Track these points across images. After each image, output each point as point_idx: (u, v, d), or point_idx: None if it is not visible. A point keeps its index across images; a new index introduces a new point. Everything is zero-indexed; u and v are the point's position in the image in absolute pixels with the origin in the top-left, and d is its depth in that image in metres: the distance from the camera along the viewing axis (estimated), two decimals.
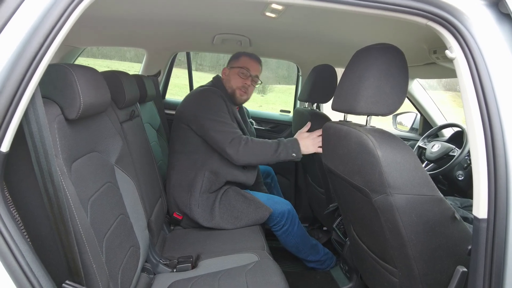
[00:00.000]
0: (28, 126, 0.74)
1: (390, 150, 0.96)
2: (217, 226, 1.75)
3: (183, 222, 1.84)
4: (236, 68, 1.91)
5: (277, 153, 1.71)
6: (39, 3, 0.72)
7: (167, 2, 1.48)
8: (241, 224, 1.77)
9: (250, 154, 1.71)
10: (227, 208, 1.78)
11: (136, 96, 1.63)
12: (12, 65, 0.69)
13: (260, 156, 1.72)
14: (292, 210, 1.90)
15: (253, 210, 1.79)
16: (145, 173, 1.57)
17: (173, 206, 1.84)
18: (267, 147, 1.72)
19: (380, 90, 1.01)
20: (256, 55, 1.98)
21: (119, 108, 1.45)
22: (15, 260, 0.70)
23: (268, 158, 1.72)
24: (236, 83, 1.90)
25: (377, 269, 1.23)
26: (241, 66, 1.91)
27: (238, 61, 1.93)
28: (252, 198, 1.82)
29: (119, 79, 1.44)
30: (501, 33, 0.83)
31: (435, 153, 1.98)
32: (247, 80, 1.92)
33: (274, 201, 1.89)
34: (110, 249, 1.04)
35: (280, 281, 1.29)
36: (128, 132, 1.47)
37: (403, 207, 0.96)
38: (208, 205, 1.77)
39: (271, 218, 1.83)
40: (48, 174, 0.77)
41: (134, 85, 1.62)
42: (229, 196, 1.81)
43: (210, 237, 1.71)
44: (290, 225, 1.87)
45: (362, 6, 0.83)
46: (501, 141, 0.79)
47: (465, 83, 0.83)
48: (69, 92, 0.92)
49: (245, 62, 1.92)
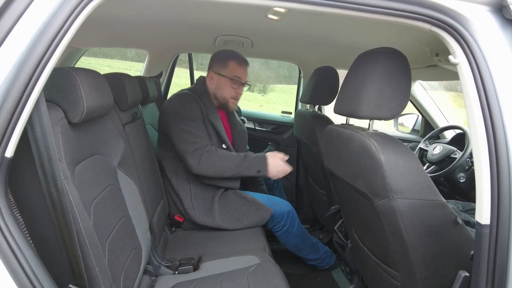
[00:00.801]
0: (33, 131, 0.75)
1: (392, 155, 0.96)
2: (218, 226, 1.75)
3: (184, 224, 1.84)
4: (226, 78, 1.84)
5: (239, 168, 1.70)
6: (44, 8, 0.72)
7: (169, 3, 1.48)
8: (242, 226, 1.77)
9: (210, 165, 1.68)
10: (227, 211, 1.78)
11: (138, 98, 1.63)
12: (18, 70, 0.69)
13: (221, 168, 1.69)
14: (292, 211, 1.89)
15: (254, 212, 1.79)
16: (147, 175, 1.58)
17: (173, 208, 1.84)
18: (230, 161, 1.70)
19: (382, 94, 1.01)
20: (242, 58, 1.89)
21: (122, 110, 1.46)
22: (18, 264, 0.70)
23: (228, 171, 1.70)
24: (229, 93, 1.86)
25: (379, 272, 1.23)
26: (232, 76, 1.84)
27: (227, 68, 1.84)
28: (252, 199, 1.81)
29: (122, 81, 1.44)
30: (504, 39, 0.83)
31: (437, 155, 1.98)
32: (240, 89, 1.89)
33: (274, 201, 1.88)
34: (112, 252, 1.04)
35: (282, 283, 1.29)
36: (130, 134, 1.47)
37: (405, 212, 0.96)
38: (205, 207, 1.77)
39: (271, 219, 1.82)
40: (52, 179, 0.77)
41: (136, 86, 1.62)
42: (229, 198, 1.80)
43: (211, 238, 1.71)
44: (290, 225, 1.86)
45: (366, 11, 0.83)
46: (504, 147, 0.79)
47: (468, 88, 0.83)
48: (73, 96, 0.93)
49: (235, 70, 1.84)
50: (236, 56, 1.87)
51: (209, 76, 1.88)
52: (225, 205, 1.78)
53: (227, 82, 1.85)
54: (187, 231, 1.84)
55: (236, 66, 1.85)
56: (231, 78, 1.84)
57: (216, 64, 1.87)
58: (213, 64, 1.88)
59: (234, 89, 1.87)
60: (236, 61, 1.85)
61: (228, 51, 1.90)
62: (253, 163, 1.72)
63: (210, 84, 1.88)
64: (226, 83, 1.85)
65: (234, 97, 1.89)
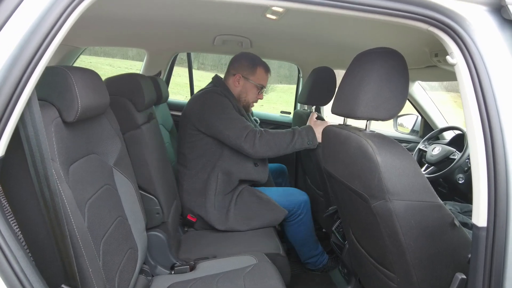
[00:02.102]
0: (24, 130, 0.74)
1: (389, 156, 0.95)
2: (231, 228, 1.77)
3: (197, 224, 1.85)
4: (253, 84, 1.92)
5: (292, 142, 1.72)
6: (37, 5, 0.71)
7: (167, 3, 1.48)
8: (254, 225, 1.78)
9: (266, 146, 1.71)
10: (242, 209, 1.79)
11: (153, 98, 1.64)
12: (9, 68, 0.69)
13: (276, 147, 1.72)
14: (308, 201, 1.94)
15: (268, 212, 1.80)
16: (163, 176, 1.58)
17: (186, 208, 1.84)
18: (282, 137, 1.73)
19: (380, 94, 1.00)
20: (267, 65, 1.97)
21: (138, 111, 1.46)
22: (8, 264, 0.69)
23: (284, 148, 1.73)
24: (252, 98, 1.96)
25: (376, 274, 1.22)
26: (259, 83, 1.93)
27: (256, 75, 1.91)
28: (267, 199, 1.83)
29: (139, 82, 1.44)
30: (503, 39, 0.82)
31: (436, 156, 1.97)
32: (262, 94, 1.99)
33: (290, 192, 1.94)
34: (107, 252, 1.04)
35: (278, 284, 1.29)
36: (147, 134, 1.48)
37: (402, 213, 0.95)
38: (224, 206, 1.78)
39: (288, 209, 1.85)
40: (45, 178, 0.76)
41: (151, 87, 1.63)
42: (244, 197, 1.82)
43: (224, 238, 1.72)
44: (305, 214, 1.90)
45: (364, 11, 0.82)
46: (502, 149, 0.78)
47: (466, 89, 0.82)
48: (67, 95, 0.92)
49: (262, 78, 1.93)
50: (263, 63, 1.95)
51: (235, 79, 1.91)
52: (240, 204, 1.80)
53: (254, 88, 1.93)
54: (199, 231, 1.84)
55: (264, 74, 1.94)
56: (257, 84, 1.93)
57: (244, 68, 1.91)
58: (240, 67, 1.92)
59: (258, 94, 1.96)
60: (264, 69, 1.93)
61: (254, 57, 1.95)
62: (303, 135, 1.75)
63: (235, 86, 1.92)
64: (253, 88, 1.93)
65: (255, 101, 2.00)
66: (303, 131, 1.75)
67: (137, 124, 1.48)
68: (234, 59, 1.95)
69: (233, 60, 1.95)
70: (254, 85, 1.92)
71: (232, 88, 1.91)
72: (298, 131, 1.75)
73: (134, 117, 1.47)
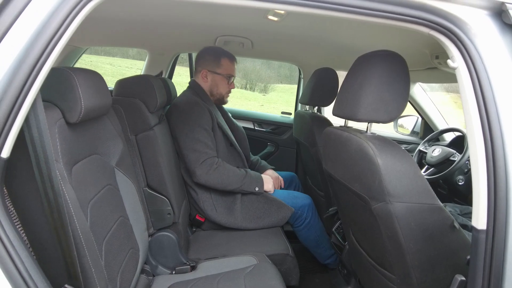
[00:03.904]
0: (29, 131, 0.74)
1: (390, 158, 0.96)
2: (239, 226, 1.78)
3: (205, 225, 1.86)
4: (221, 76, 1.93)
5: (242, 183, 1.78)
6: (43, 7, 0.72)
7: (169, 3, 1.48)
8: (263, 224, 1.80)
9: (219, 178, 1.74)
10: (249, 209, 1.81)
11: (165, 99, 1.65)
12: (14, 70, 0.69)
13: (226, 181, 1.75)
14: (312, 204, 1.95)
15: (275, 210, 1.82)
16: (173, 176, 1.59)
17: (194, 208, 1.86)
18: (235, 175, 1.77)
19: (381, 97, 1.01)
20: (231, 54, 1.97)
21: (151, 112, 1.46)
22: (13, 264, 0.70)
23: (233, 185, 1.77)
24: (224, 88, 1.97)
25: (375, 275, 1.23)
26: (226, 74, 1.94)
27: (221, 66, 1.92)
28: (273, 198, 1.85)
29: (151, 83, 1.44)
30: (503, 44, 0.83)
31: (436, 157, 1.98)
32: (232, 84, 2.00)
33: (294, 195, 1.95)
34: (109, 252, 1.04)
35: (278, 285, 1.30)
36: (159, 135, 1.49)
37: (402, 215, 0.96)
38: (226, 207, 1.80)
39: (292, 214, 1.86)
40: (48, 179, 0.77)
41: (162, 88, 1.64)
42: (250, 197, 1.83)
43: (233, 239, 1.73)
44: (312, 218, 1.92)
45: (365, 15, 0.83)
46: (502, 152, 0.78)
47: (466, 93, 0.83)
48: (71, 96, 0.93)
49: (228, 68, 1.94)
50: (226, 53, 1.95)
51: (202, 75, 1.94)
52: (246, 203, 1.81)
53: (223, 80, 1.94)
54: (208, 231, 1.85)
55: (229, 63, 1.95)
56: (225, 75, 1.94)
57: (208, 62, 1.93)
58: (205, 62, 1.94)
59: (228, 84, 1.97)
60: (228, 59, 1.94)
61: (217, 49, 1.98)
62: (253, 181, 1.81)
63: (204, 82, 1.94)
64: (222, 80, 1.94)
65: (228, 92, 2.01)
66: (254, 178, 1.82)
67: (150, 125, 1.49)
68: (198, 56, 1.97)
69: (197, 57, 1.97)
70: (222, 77, 1.93)
71: (202, 84, 1.93)
72: (250, 176, 1.81)
73: (147, 119, 1.48)
